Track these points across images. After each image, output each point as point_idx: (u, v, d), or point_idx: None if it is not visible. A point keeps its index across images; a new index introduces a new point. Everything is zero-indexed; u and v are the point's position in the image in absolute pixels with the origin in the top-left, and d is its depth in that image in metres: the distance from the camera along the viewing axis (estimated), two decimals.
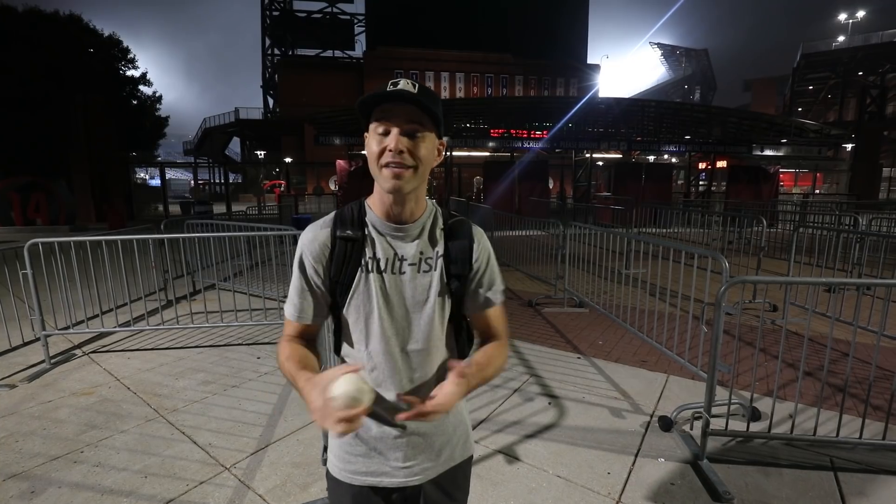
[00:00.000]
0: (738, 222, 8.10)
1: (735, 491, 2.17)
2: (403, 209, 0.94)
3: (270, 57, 42.85)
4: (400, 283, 0.95)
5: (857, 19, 40.52)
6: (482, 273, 1.02)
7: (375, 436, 0.99)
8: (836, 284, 2.65)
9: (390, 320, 0.95)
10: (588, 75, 37.11)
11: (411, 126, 0.89)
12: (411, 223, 0.96)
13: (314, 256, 0.96)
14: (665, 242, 3.92)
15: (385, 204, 0.94)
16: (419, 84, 0.90)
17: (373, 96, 0.89)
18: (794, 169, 31.24)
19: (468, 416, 1.14)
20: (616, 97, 19.42)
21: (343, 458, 1.02)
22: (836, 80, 35.95)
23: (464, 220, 1.03)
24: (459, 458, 1.08)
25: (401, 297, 0.95)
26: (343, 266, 0.95)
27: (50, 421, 2.87)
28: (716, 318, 2.35)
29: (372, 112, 0.91)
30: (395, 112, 0.89)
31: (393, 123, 0.89)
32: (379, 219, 0.96)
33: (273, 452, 2.53)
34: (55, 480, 2.29)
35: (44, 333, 3.76)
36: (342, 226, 0.97)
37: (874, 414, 2.83)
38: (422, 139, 0.90)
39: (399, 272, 0.95)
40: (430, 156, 0.92)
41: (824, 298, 4.83)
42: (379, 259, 0.95)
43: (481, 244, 1.02)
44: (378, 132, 0.89)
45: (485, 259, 1.02)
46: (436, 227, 1.00)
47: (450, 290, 0.98)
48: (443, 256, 0.98)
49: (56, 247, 3.97)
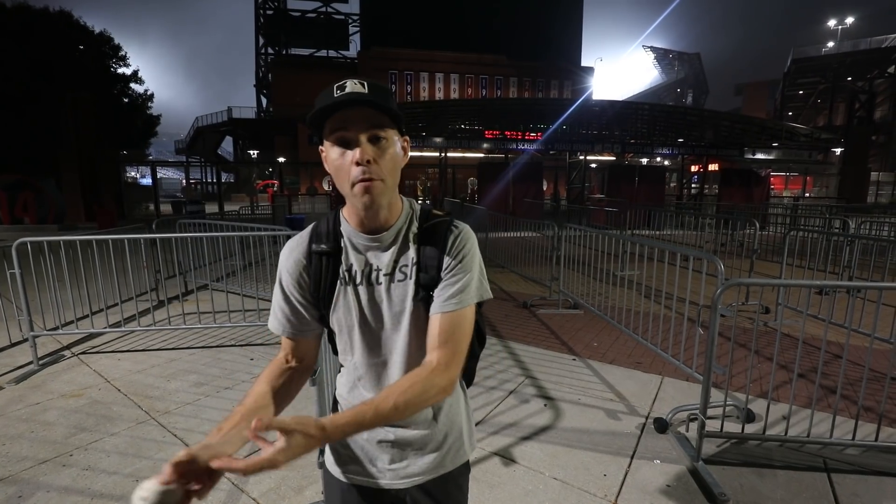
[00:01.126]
0: (731, 225, 8.17)
1: (730, 492, 2.18)
2: (377, 218, 0.90)
3: (264, 56, 42.55)
4: (377, 295, 0.92)
5: (847, 25, 41.16)
6: (448, 278, 0.90)
7: (364, 438, 0.99)
8: (831, 287, 2.67)
9: (370, 333, 0.94)
10: (582, 78, 37.29)
11: (373, 131, 0.82)
12: (385, 231, 0.91)
13: (290, 273, 0.96)
14: (660, 245, 3.94)
15: (358, 216, 0.90)
16: (367, 81, 0.82)
17: (323, 108, 0.80)
18: (784, 172, 31.66)
19: (466, 423, 1.06)
20: (610, 100, 19.50)
21: (335, 451, 1.04)
22: (825, 84, 36.47)
23: (443, 221, 0.94)
24: (451, 465, 1.03)
25: (377, 309, 0.93)
26: (321, 281, 0.94)
27: (38, 423, 2.82)
28: (712, 320, 2.36)
29: (324, 123, 0.83)
30: (352, 119, 0.81)
31: (353, 132, 0.81)
32: (353, 230, 0.93)
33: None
34: (44, 484, 2.24)
35: (32, 334, 3.70)
36: (317, 240, 0.95)
37: (866, 415, 2.86)
38: (387, 142, 0.84)
39: (375, 282, 0.92)
40: (397, 159, 0.87)
41: (815, 301, 4.89)
42: (355, 271, 0.93)
43: (454, 247, 0.91)
44: (337, 144, 0.83)
45: (456, 258, 0.90)
46: (409, 232, 0.93)
47: (425, 298, 0.90)
48: (417, 263, 0.91)
49: (45, 246, 3.90)
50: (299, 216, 14.93)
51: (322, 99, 0.81)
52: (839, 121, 35.52)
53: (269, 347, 4.16)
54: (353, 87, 0.80)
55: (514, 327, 4.75)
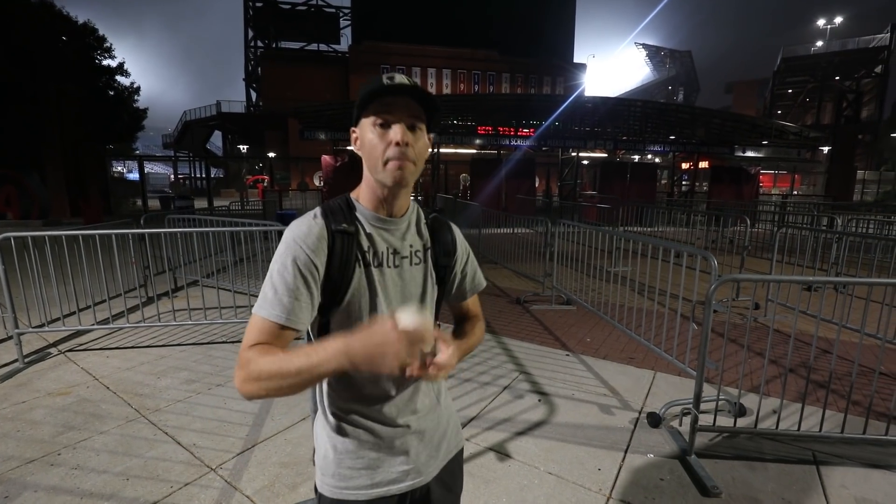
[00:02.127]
0: (721, 222, 8.26)
1: (722, 485, 2.21)
2: (396, 203, 0.94)
3: (253, 49, 41.96)
4: (395, 277, 0.95)
5: (835, 25, 41.70)
6: (465, 262, 1.10)
7: (377, 442, 0.96)
8: (823, 283, 2.71)
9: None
10: (574, 74, 37.35)
11: (412, 120, 0.89)
12: (400, 217, 0.97)
13: (314, 251, 0.87)
14: (654, 241, 3.96)
15: (378, 198, 0.94)
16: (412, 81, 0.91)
17: (377, 89, 0.87)
18: (773, 170, 32.07)
19: (453, 406, 1.16)
20: (602, 96, 19.58)
21: (344, 475, 0.95)
22: (814, 83, 36.96)
23: (439, 216, 1.09)
24: (455, 449, 1.10)
25: (398, 290, 0.95)
26: (341, 261, 0.89)
27: (24, 422, 2.76)
28: (706, 316, 2.38)
29: (369, 105, 0.89)
30: (397, 105, 0.88)
31: (396, 117, 0.88)
32: (370, 212, 0.95)
33: (260, 452, 2.48)
34: (31, 484, 2.20)
35: (17, 331, 3.61)
36: (335, 219, 0.92)
37: (855, 409, 2.91)
38: (421, 132, 0.91)
39: (394, 265, 0.95)
40: (425, 150, 0.93)
41: (804, 297, 4.96)
42: (376, 252, 0.93)
43: (460, 238, 1.10)
44: (377, 125, 0.88)
45: (464, 249, 1.10)
46: (420, 222, 1.03)
47: (440, 280, 1.03)
48: (430, 249, 1.01)
49: (30, 241, 3.81)
50: (290, 211, 14.80)
51: (372, 84, 0.88)
52: (827, 120, 36.04)
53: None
54: (401, 79, 0.88)
55: (507, 323, 4.76)
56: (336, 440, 0.96)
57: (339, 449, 0.96)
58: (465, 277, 1.11)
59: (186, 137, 38.88)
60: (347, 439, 0.95)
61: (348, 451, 0.95)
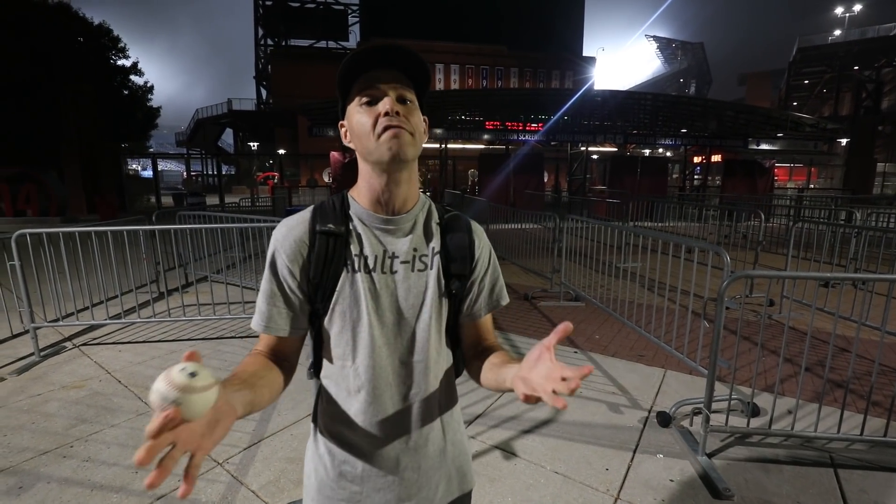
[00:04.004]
0: (734, 216, 8.10)
1: (735, 487, 2.16)
2: (397, 192, 0.82)
3: (263, 47, 42.21)
4: (391, 284, 0.82)
5: (854, 13, 40.57)
6: (485, 272, 0.91)
7: (361, 475, 0.85)
8: (839, 280, 2.63)
9: (381, 327, 0.81)
10: (583, 68, 36.91)
11: (400, 92, 0.79)
12: (403, 214, 0.84)
13: (289, 255, 0.81)
14: (664, 236, 3.89)
15: (375, 190, 0.82)
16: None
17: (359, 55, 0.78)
18: (789, 163, 31.39)
19: (468, 444, 1.00)
20: (612, 90, 19.28)
21: (326, 502, 0.87)
22: (831, 73, 36.00)
23: (460, 214, 0.92)
24: (458, 491, 0.95)
25: (393, 300, 0.82)
26: (325, 266, 0.80)
27: (39, 415, 2.81)
28: (718, 313, 2.32)
29: (351, 87, 0.80)
30: (383, 78, 0.78)
31: (381, 90, 0.78)
32: (366, 210, 0.84)
33: (266, 447, 2.49)
34: (44, 475, 2.24)
35: (33, 326, 3.68)
36: (322, 220, 0.83)
37: (875, 410, 2.82)
38: (413, 105, 0.80)
39: (390, 271, 0.83)
40: (421, 127, 0.82)
41: (821, 293, 4.83)
42: (366, 256, 0.82)
43: (482, 240, 0.92)
44: (363, 103, 0.78)
45: (487, 256, 0.91)
46: (430, 221, 0.88)
47: (450, 292, 0.86)
48: (440, 254, 0.85)
49: (45, 238, 3.88)
50: (299, 207, 14.86)
51: (347, 57, 0.79)
52: (845, 111, 35.11)
53: None
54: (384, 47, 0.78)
55: (514, 320, 4.73)
56: (319, 463, 0.89)
57: (320, 474, 0.88)
58: (483, 291, 0.91)
59: (199, 135, 39.34)
60: (330, 466, 0.87)
61: (330, 478, 0.87)
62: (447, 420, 0.92)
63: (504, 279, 0.97)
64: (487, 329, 0.94)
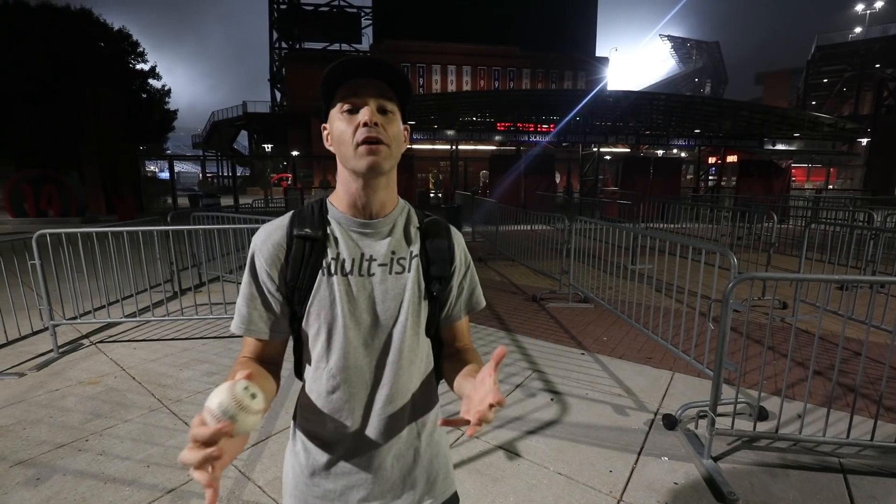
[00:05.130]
0: (748, 218, 7.97)
1: (740, 492, 2.14)
2: (374, 198, 0.84)
3: (278, 50, 42.80)
4: (368, 286, 0.84)
5: (875, 10, 39.54)
6: (464, 275, 0.94)
7: (334, 472, 0.87)
8: (847, 282, 2.58)
9: (356, 329, 0.83)
10: (596, 68, 36.62)
11: (381, 101, 0.81)
12: (381, 218, 0.86)
13: (266, 259, 0.84)
14: (672, 238, 3.86)
15: (352, 195, 0.84)
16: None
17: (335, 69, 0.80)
18: (806, 164, 30.70)
19: (447, 447, 1.01)
20: (625, 90, 19.12)
21: (301, 499, 0.89)
22: (851, 72, 35.17)
23: (439, 219, 0.95)
24: (440, 496, 0.95)
25: (369, 302, 0.84)
26: (301, 268, 0.83)
27: (57, 409, 2.90)
28: (723, 315, 2.31)
29: (335, 94, 0.82)
30: (364, 87, 0.80)
31: (363, 99, 0.80)
32: (343, 214, 0.86)
33: (274, 444, 2.54)
34: (60, 468, 2.31)
35: (52, 323, 3.80)
36: (300, 224, 0.85)
37: (886, 415, 2.77)
38: (393, 115, 0.82)
39: (367, 273, 0.84)
40: (400, 137, 0.84)
41: (836, 296, 4.73)
42: (343, 259, 0.83)
43: (461, 245, 0.95)
44: (344, 110, 0.80)
45: (463, 260, 0.95)
46: (410, 225, 0.91)
47: (430, 294, 0.88)
48: (418, 256, 0.88)
49: (64, 238, 4.00)
50: None
51: (330, 65, 0.81)
52: (866, 110, 34.21)
53: None
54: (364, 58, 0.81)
55: (522, 321, 4.73)
56: (295, 461, 0.91)
57: (296, 471, 0.90)
58: (462, 293, 0.95)
59: (214, 137, 40.01)
60: (305, 463, 0.89)
61: (304, 475, 0.89)
62: (423, 422, 0.93)
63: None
64: (463, 331, 0.97)
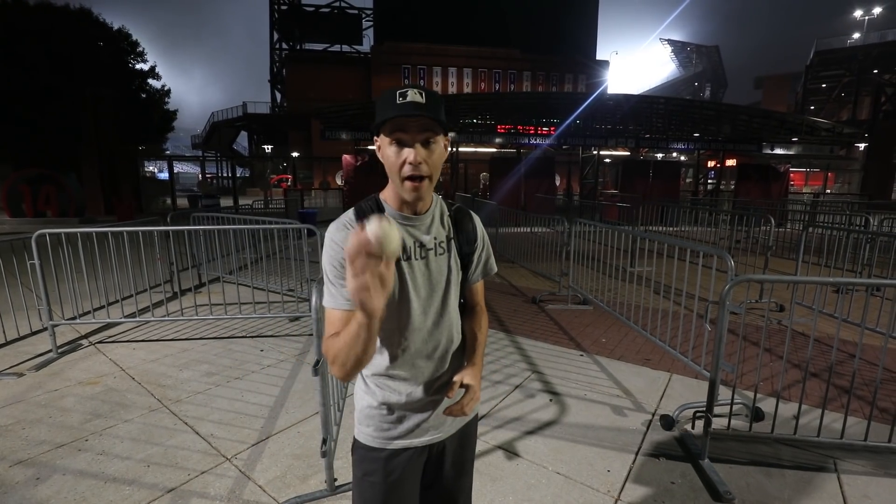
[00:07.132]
0: (746, 221, 8.00)
1: (736, 491, 2.16)
2: (419, 203, 1.06)
3: (278, 51, 42.84)
4: (422, 267, 1.07)
5: (874, 16, 39.78)
6: (482, 248, 1.22)
7: (405, 403, 1.10)
8: (843, 284, 2.60)
9: (418, 300, 1.06)
10: (597, 72, 36.75)
11: (425, 135, 0.97)
12: (423, 214, 1.08)
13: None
14: (671, 240, 3.88)
15: (402, 200, 1.05)
16: (425, 89, 0.97)
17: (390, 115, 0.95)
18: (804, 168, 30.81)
19: None
20: (625, 94, 19.18)
21: (377, 426, 1.12)
22: (850, 77, 35.32)
23: (462, 206, 1.21)
24: (471, 414, 1.22)
25: (426, 279, 1.08)
26: None
27: (56, 409, 2.91)
28: (720, 317, 2.33)
29: (384, 124, 0.97)
30: (410, 125, 0.96)
31: (409, 136, 0.97)
32: (396, 212, 1.07)
33: (274, 444, 2.55)
34: (60, 467, 2.32)
35: (51, 323, 3.81)
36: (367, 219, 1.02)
37: (880, 416, 2.79)
38: (435, 145, 1.00)
39: (420, 257, 1.07)
40: (441, 159, 1.03)
41: (832, 299, 4.76)
42: (405, 247, 1.05)
43: (480, 226, 1.23)
44: (394, 143, 0.98)
45: (483, 238, 1.23)
46: (443, 216, 1.14)
47: (464, 266, 1.16)
48: (454, 239, 1.13)
49: (63, 238, 4.01)
50: (311, 210, 15.06)
51: (385, 102, 0.96)
52: (864, 115, 34.40)
53: (278, 339, 4.23)
54: (413, 96, 0.95)
55: (522, 322, 4.74)
56: (370, 399, 1.12)
57: (373, 405, 1.12)
58: (480, 262, 1.23)
59: (214, 138, 40.03)
60: (379, 399, 1.11)
61: (380, 407, 1.11)
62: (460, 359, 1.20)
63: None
64: (478, 292, 1.26)
